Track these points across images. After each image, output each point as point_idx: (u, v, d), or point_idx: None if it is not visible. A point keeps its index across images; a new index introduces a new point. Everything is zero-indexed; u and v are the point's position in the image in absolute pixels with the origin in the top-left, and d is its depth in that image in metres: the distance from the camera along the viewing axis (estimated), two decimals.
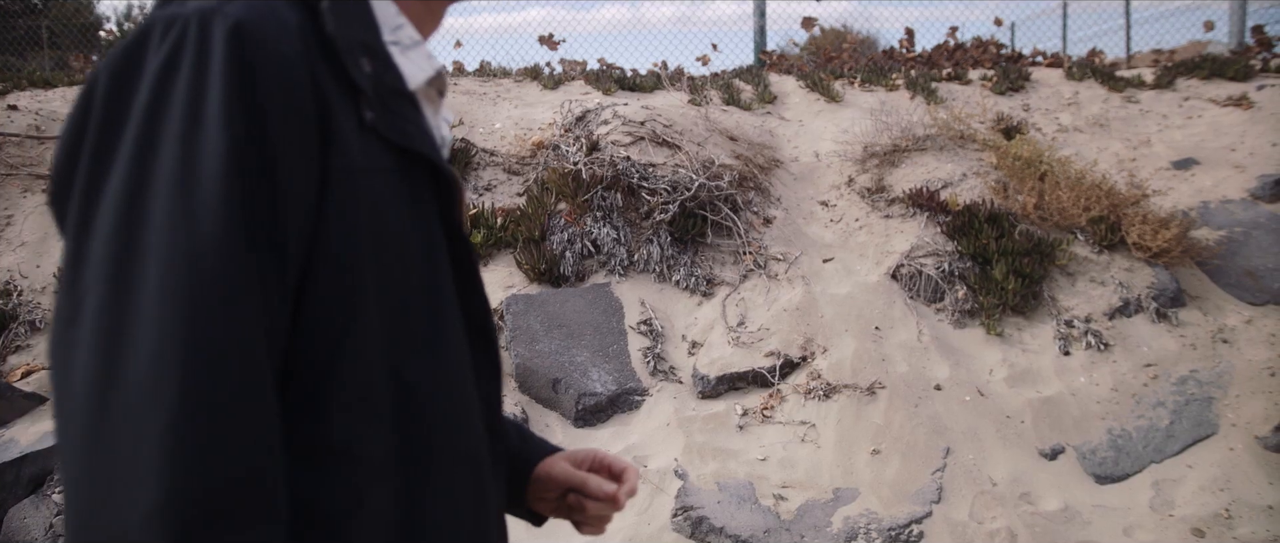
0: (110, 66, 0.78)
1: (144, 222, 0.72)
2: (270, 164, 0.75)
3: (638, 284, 4.70)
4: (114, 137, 0.75)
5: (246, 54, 0.76)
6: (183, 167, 0.73)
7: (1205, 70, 6.82)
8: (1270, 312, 4.81)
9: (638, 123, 5.25)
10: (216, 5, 0.77)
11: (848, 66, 7.23)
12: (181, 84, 0.75)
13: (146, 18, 0.82)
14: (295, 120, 0.78)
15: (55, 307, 0.76)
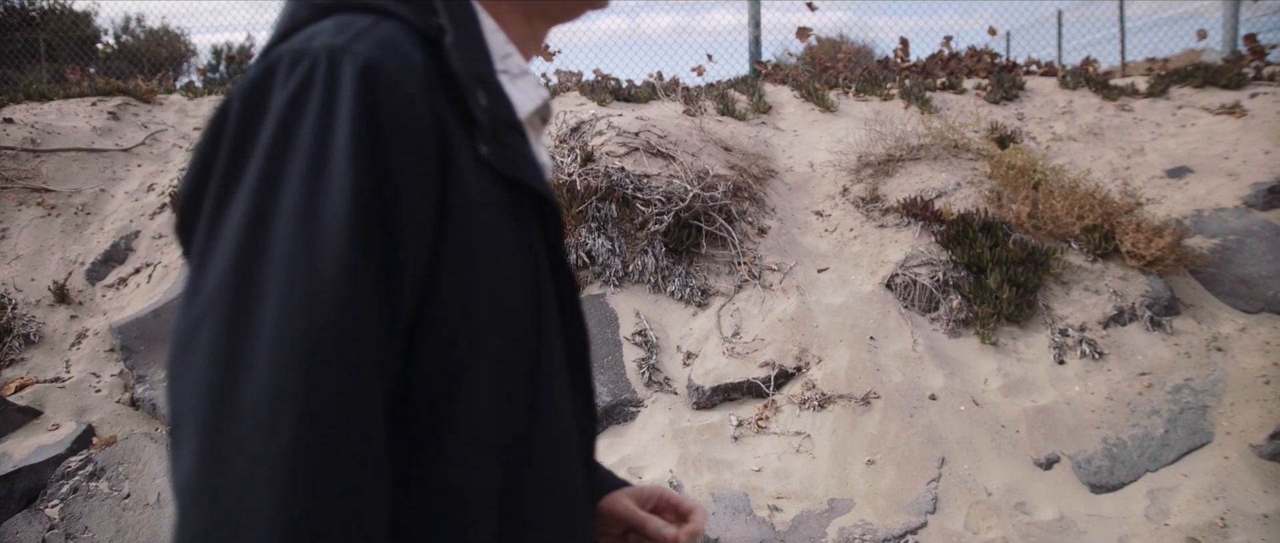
0: (239, 99, 0.78)
1: (264, 256, 0.72)
2: (393, 204, 0.75)
3: (632, 295, 4.70)
4: (239, 169, 0.76)
5: (374, 94, 0.76)
6: (306, 204, 0.73)
7: (1198, 78, 6.84)
8: (1264, 319, 4.82)
9: (632, 134, 5.26)
10: (344, 43, 0.78)
11: (843, 76, 7.24)
12: (308, 121, 0.75)
13: (272, 50, 0.82)
14: (418, 160, 0.78)
15: (173, 332, 0.76)
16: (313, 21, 0.84)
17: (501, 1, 0.95)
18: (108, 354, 4.70)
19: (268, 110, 0.76)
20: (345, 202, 0.73)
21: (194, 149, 0.81)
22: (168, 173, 5.92)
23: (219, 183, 0.76)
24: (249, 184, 0.74)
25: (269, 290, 0.71)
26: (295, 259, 0.71)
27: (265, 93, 0.77)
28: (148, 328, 4.71)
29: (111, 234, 5.46)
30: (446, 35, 0.85)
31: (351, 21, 0.81)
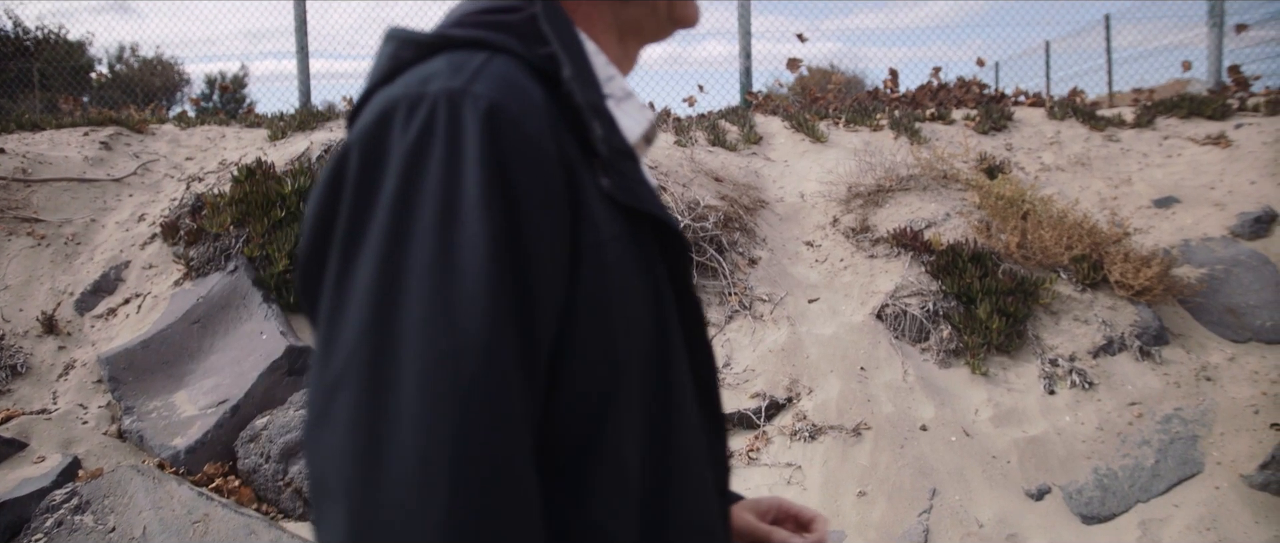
0: (356, 150, 0.75)
1: (400, 315, 0.69)
2: (528, 252, 0.72)
3: None
4: (363, 225, 0.73)
5: (500, 138, 0.73)
6: (440, 258, 0.70)
7: (1184, 109, 6.91)
8: (1252, 349, 4.84)
9: None
10: (463, 85, 0.75)
11: (833, 107, 7.30)
12: (434, 170, 0.72)
13: (376, 91, 0.81)
14: (549, 204, 0.75)
15: (307, 399, 0.74)
16: (419, 61, 0.82)
17: (597, 23, 0.94)
18: (95, 385, 4.68)
19: (389, 161, 0.73)
20: (481, 254, 0.70)
21: (310, 204, 0.79)
22: (159, 203, 5.92)
23: (344, 240, 0.73)
24: (376, 240, 0.71)
25: (408, 352, 0.68)
26: (433, 318, 0.68)
27: (384, 142, 0.74)
28: (136, 359, 4.69)
29: (101, 264, 5.45)
30: (563, 67, 0.82)
31: (465, 60, 0.78)
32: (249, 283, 4.98)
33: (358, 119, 0.81)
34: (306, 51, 8.29)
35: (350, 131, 0.81)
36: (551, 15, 0.86)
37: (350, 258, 0.73)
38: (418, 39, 0.83)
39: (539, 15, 0.85)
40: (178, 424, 4.37)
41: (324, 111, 7.44)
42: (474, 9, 0.88)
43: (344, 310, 0.71)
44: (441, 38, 0.82)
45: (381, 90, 0.80)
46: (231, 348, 4.74)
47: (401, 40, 0.84)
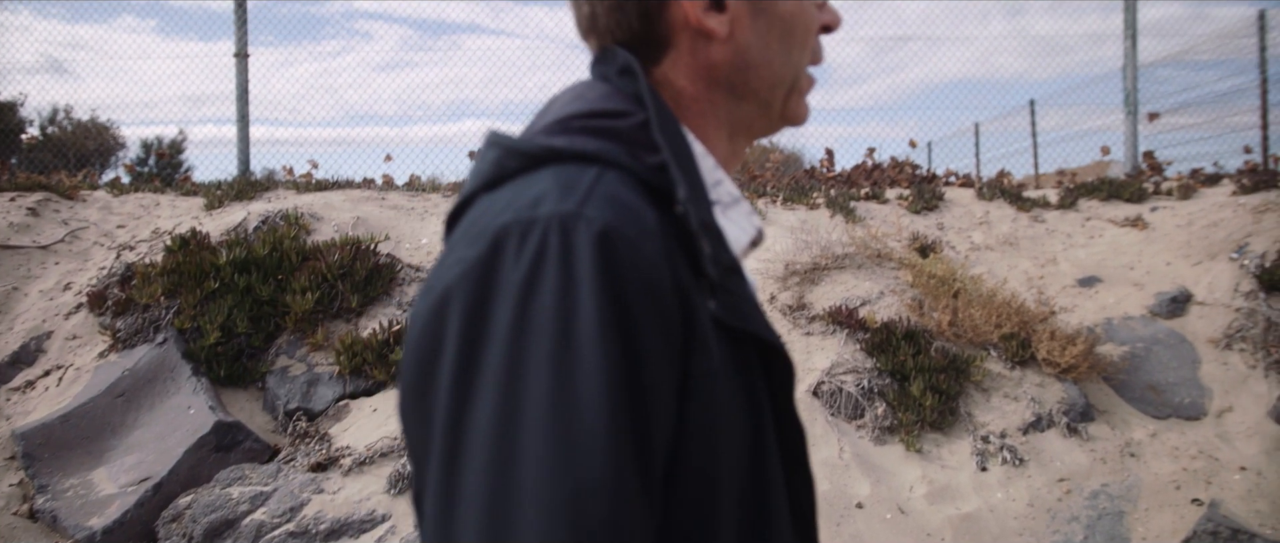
0: (467, 281, 0.73)
1: (518, 458, 0.66)
2: (645, 385, 0.70)
3: None
4: (476, 360, 0.70)
5: (616, 265, 0.70)
6: (557, 395, 0.67)
7: (1104, 192, 7.20)
8: (1173, 425, 4.99)
9: None
10: (576, 209, 0.72)
11: (771, 184, 7.46)
12: (547, 300, 0.69)
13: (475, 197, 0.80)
14: (665, 333, 0.72)
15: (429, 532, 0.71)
16: (523, 172, 0.80)
17: (709, 122, 0.94)
18: (7, 462, 4.49)
19: (500, 292, 0.71)
20: (600, 390, 0.67)
21: (414, 327, 0.76)
22: (86, 272, 5.77)
23: (455, 375, 0.71)
24: (492, 376, 0.68)
25: (527, 499, 0.65)
26: (553, 460, 0.65)
27: (495, 272, 0.71)
28: (54, 434, 4.52)
29: (21, 335, 5.28)
30: (678, 187, 0.80)
31: (574, 178, 0.76)
32: (178, 356, 4.87)
33: (458, 224, 0.81)
34: (247, 119, 8.24)
35: (450, 234, 0.82)
36: (663, 123, 0.85)
37: (465, 393, 0.70)
38: (524, 149, 0.82)
39: (651, 123, 0.84)
40: (95, 503, 4.21)
41: (263, 180, 7.37)
42: (578, 111, 0.86)
43: (462, 452, 0.69)
44: (549, 150, 0.81)
45: (485, 197, 0.80)
46: (157, 423, 4.60)
47: (507, 148, 0.83)
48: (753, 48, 0.92)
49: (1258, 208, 6.33)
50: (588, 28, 0.95)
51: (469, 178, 0.85)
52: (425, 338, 0.74)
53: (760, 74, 0.94)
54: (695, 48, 0.91)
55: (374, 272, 5.29)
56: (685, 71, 0.92)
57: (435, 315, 0.74)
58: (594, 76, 0.94)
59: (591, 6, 0.93)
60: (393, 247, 5.68)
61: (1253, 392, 5.18)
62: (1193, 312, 5.74)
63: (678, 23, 0.90)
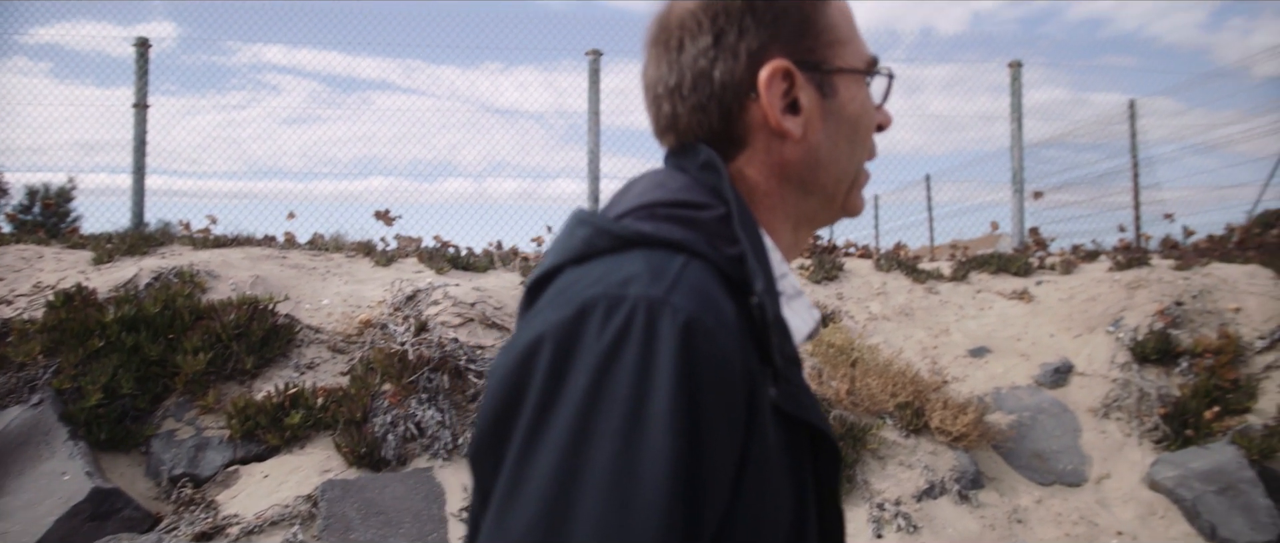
0: (551, 340, 0.76)
1: (574, 512, 0.69)
2: (705, 466, 0.73)
3: (461, 469, 4.61)
4: (549, 413, 0.74)
5: (694, 354, 0.74)
6: (620, 463, 0.70)
7: (993, 266, 7.53)
8: (1056, 491, 5.19)
9: (468, 304, 5.28)
10: (664, 295, 0.77)
11: None
12: (625, 375, 0.73)
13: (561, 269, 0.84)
14: (731, 421, 0.76)
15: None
16: (612, 252, 0.85)
17: (777, 215, 0.99)
18: None
19: (580, 359, 0.74)
20: (663, 466, 0.70)
21: (496, 377, 0.81)
22: None
23: (529, 424, 0.74)
24: (560, 432, 0.72)
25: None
26: (607, 520, 0.69)
27: (580, 338, 0.75)
28: None
29: None
30: (756, 280, 0.85)
31: (663, 264, 0.81)
32: (55, 418, 4.63)
33: (542, 293, 0.86)
34: (144, 170, 7.98)
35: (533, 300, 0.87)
36: (743, 219, 0.90)
37: (533, 443, 0.74)
38: (616, 231, 0.86)
39: (732, 218, 0.89)
40: None
41: (157, 234, 7.14)
42: (664, 199, 0.91)
43: (519, 495, 0.72)
44: (639, 234, 0.85)
45: (572, 270, 0.85)
46: (26, 490, 4.35)
47: (598, 228, 0.87)
48: (823, 147, 0.99)
49: (1131, 284, 6.70)
50: (667, 126, 1.02)
51: (552, 251, 0.90)
52: (504, 389, 0.78)
53: (829, 171, 1.01)
54: (770, 146, 0.98)
55: (271, 332, 5.16)
56: (759, 167, 0.98)
57: (517, 369, 0.78)
58: (671, 167, 1.00)
59: (672, 106, 1.00)
60: (292, 307, 5.55)
61: (1128, 459, 5.43)
62: (1074, 382, 6.02)
63: (756, 123, 0.97)
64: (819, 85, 0.99)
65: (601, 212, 0.95)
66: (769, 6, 0.97)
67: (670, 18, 1.01)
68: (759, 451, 0.79)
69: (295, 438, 4.67)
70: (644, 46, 1.05)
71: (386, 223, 7.31)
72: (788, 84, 0.97)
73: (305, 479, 4.42)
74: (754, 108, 0.96)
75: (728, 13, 0.97)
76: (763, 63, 0.96)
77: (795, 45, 0.98)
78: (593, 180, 7.98)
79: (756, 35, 0.97)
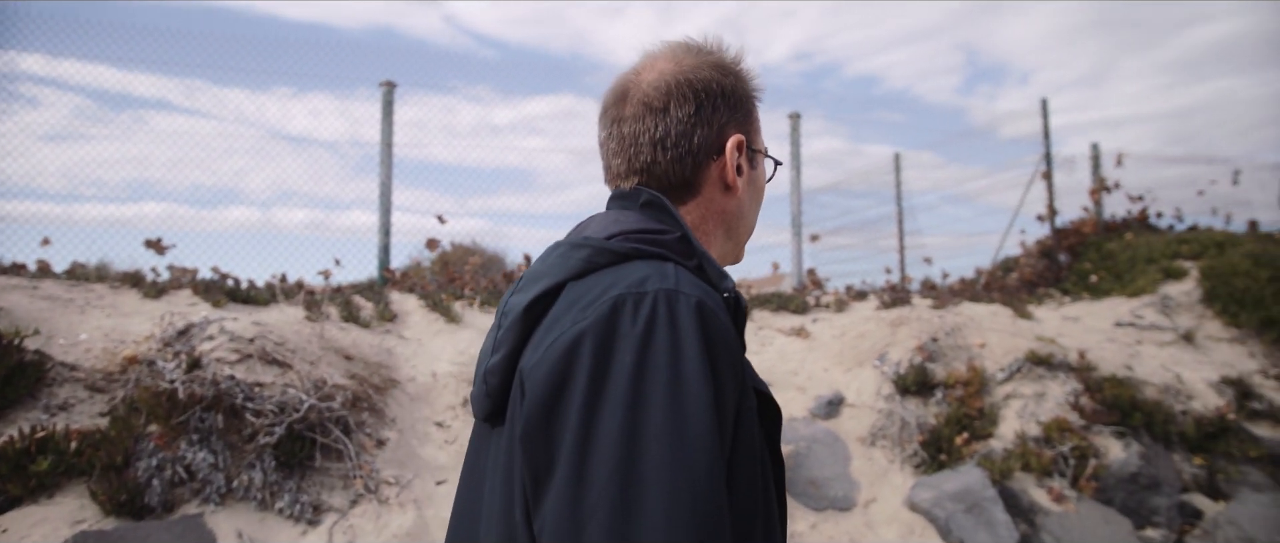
0: (593, 331, 0.99)
1: (643, 459, 0.92)
2: (726, 410, 1.00)
3: (235, 514, 4.36)
4: (603, 388, 0.96)
5: (707, 326, 1.01)
6: (672, 410, 0.94)
7: (774, 304, 7.96)
8: (829, 516, 5.53)
9: (247, 339, 5.04)
10: (675, 287, 1.03)
11: (469, 286, 7.52)
12: (661, 347, 0.98)
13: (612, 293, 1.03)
14: (736, 376, 1.03)
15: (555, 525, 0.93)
16: (610, 266, 1.12)
17: (710, 247, 1.31)
18: None
19: (622, 341, 0.98)
20: (705, 408, 0.95)
21: (541, 371, 1.01)
22: None
23: (585, 400, 0.96)
24: (618, 399, 0.95)
25: (653, 486, 0.91)
26: (673, 454, 0.92)
27: (616, 327, 0.99)
28: None
29: None
30: (725, 280, 1.16)
31: (662, 268, 1.08)
32: None
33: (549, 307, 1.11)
34: None
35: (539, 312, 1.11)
36: (692, 240, 1.20)
37: (593, 414, 0.95)
38: (613, 249, 1.14)
39: (687, 237, 1.19)
40: None
41: None
42: (631, 228, 1.19)
43: (591, 454, 0.94)
44: (633, 250, 1.13)
45: (575, 284, 1.11)
46: None
47: (595, 249, 1.14)
48: (745, 203, 1.34)
49: (894, 321, 7.27)
50: (641, 168, 1.29)
51: (547, 273, 1.16)
52: (552, 378, 0.99)
53: (745, 222, 1.36)
54: (714, 197, 1.30)
55: (17, 370, 4.70)
56: (702, 212, 1.30)
57: (563, 359, 1.00)
58: (616, 208, 1.29)
59: (654, 154, 1.28)
60: (44, 342, 5.09)
61: (892, 483, 5.86)
62: (845, 413, 6.44)
63: (711, 177, 1.29)
64: (749, 159, 1.33)
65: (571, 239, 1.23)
66: (733, 95, 1.31)
67: (651, 85, 1.29)
68: (749, 401, 1.07)
69: (43, 487, 4.27)
70: (611, 105, 1.33)
71: (159, 252, 6.83)
72: (739, 153, 1.29)
73: (53, 532, 4.05)
74: (713, 166, 1.29)
75: (707, 93, 1.28)
76: (727, 135, 1.29)
77: (743, 125, 1.32)
78: (384, 213, 7.81)
79: (724, 113, 1.29)
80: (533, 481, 0.99)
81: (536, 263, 1.23)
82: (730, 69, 1.32)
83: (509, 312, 1.17)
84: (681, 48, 1.34)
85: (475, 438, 1.29)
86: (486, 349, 1.23)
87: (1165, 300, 9.03)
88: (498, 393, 1.16)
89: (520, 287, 1.21)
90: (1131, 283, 9.67)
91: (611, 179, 1.35)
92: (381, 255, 7.75)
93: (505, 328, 1.16)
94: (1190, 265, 9.69)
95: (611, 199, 1.33)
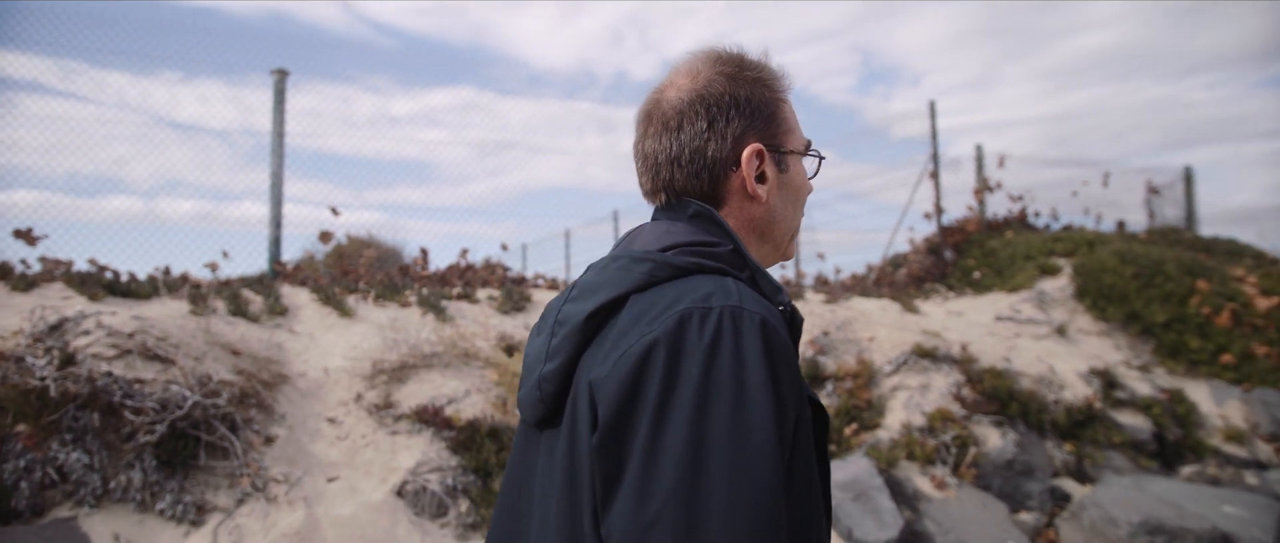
0: (664, 344, 1.03)
1: (708, 466, 0.96)
2: (787, 422, 1.03)
3: (112, 516, 4.21)
4: (671, 397, 1.00)
5: (770, 341, 1.04)
6: (736, 423, 0.98)
7: None
8: None
9: (126, 334, 4.85)
10: (738, 303, 1.06)
11: (364, 280, 7.38)
12: (726, 361, 1.01)
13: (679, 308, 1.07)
14: (796, 390, 1.06)
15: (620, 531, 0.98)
16: (671, 280, 1.15)
17: (748, 242, 1.32)
18: None
19: (689, 353, 1.02)
20: (768, 421, 0.99)
21: (613, 382, 1.04)
22: None
23: (655, 408, 1.00)
24: (685, 409, 0.99)
25: (714, 494, 0.95)
26: (735, 468, 0.96)
27: (683, 340, 1.03)
28: None
29: None
30: (780, 293, 1.19)
31: (722, 283, 1.11)
32: None
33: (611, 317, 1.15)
34: None
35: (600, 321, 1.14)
36: (744, 251, 1.23)
37: (660, 423, 0.99)
38: (675, 263, 1.17)
39: (739, 250, 1.23)
40: None
41: None
42: (684, 241, 1.22)
43: (658, 462, 0.98)
44: (693, 265, 1.16)
45: (639, 297, 1.14)
46: None
47: (658, 262, 1.17)
48: (777, 208, 1.34)
49: None
50: (663, 187, 1.33)
51: (606, 285, 1.18)
52: (624, 389, 1.03)
53: (780, 226, 1.36)
54: (742, 206, 1.32)
55: None
56: (731, 222, 1.31)
57: (633, 372, 1.04)
58: (664, 218, 1.32)
59: (671, 173, 1.31)
60: None
61: None
62: None
63: (734, 188, 1.31)
64: (777, 162, 1.33)
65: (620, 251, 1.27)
66: (748, 103, 1.31)
67: (669, 104, 1.32)
68: (805, 411, 1.11)
69: None
70: (639, 123, 1.36)
71: (29, 243, 6.49)
72: (759, 161, 1.30)
73: None
74: (734, 176, 1.30)
75: (719, 106, 1.29)
76: (743, 144, 1.30)
77: (763, 132, 1.31)
78: (275, 204, 7.60)
79: (739, 124, 1.30)
80: (603, 487, 1.03)
81: (592, 273, 1.26)
82: (746, 77, 1.33)
83: (564, 320, 1.21)
84: (702, 60, 1.35)
85: (522, 439, 1.34)
86: (536, 355, 1.27)
87: (1041, 296, 9.49)
88: (552, 399, 1.19)
89: (574, 296, 1.24)
90: (1011, 279, 10.13)
91: (644, 195, 1.39)
92: (272, 248, 7.55)
93: (561, 336, 1.19)
94: (1064, 263, 10.21)
95: (658, 210, 1.35)
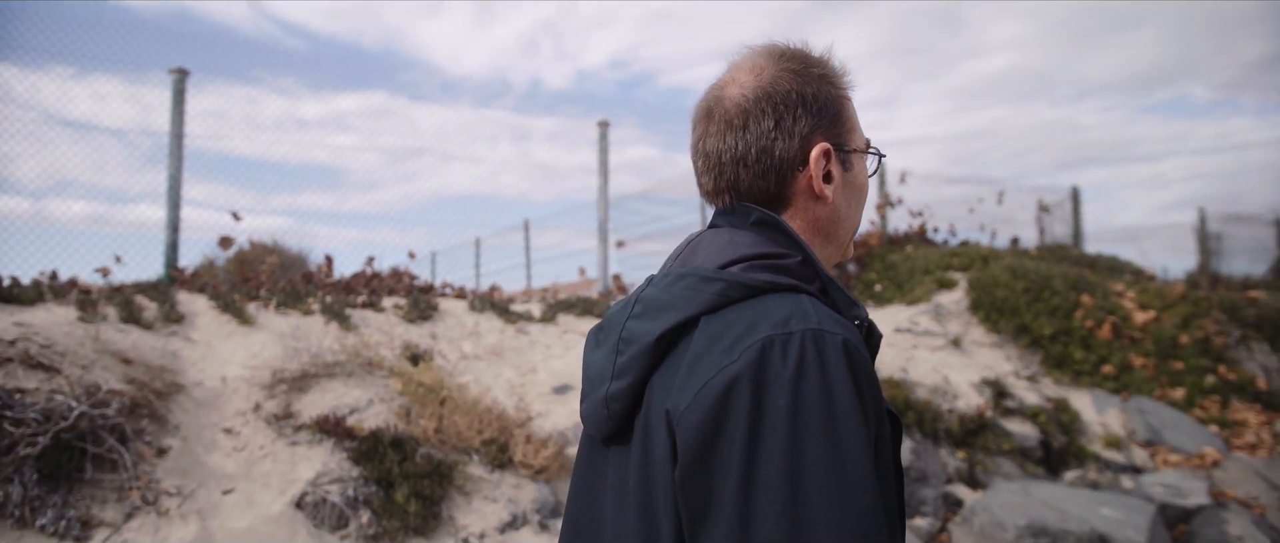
0: (748, 375, 1.00)
1: (808, 495, 0.94)
2: (874, 441, 1.02)
3: None
4: (761, 428, 0.98)
5: (853, 363, 1.02)
6: (830, 449, 0.96)
7: (579, 309, 8.09)
8: None
9: (7, 342, 4.66)
10: (818, 326, 1.03)
11: (265, 287, 7.22)
12: (814, 387, 0.99)
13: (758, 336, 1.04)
14: (878, 409, 1.05)
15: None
16: (743, 300, 1.11)
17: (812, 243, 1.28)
18: None
19: (775, 383, 0.99)
20: (859, 445, 0.97)
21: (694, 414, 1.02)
22: None
23: (746, 440, 0.98)
24: (778, 439, 0.97)
25: (817, 525, 0.93)
26: (836, 495, 0.94)
27: (768, 369, 1.00)
28: None
29: None
30: (856, 307, 1.17)
31: (798, 303, 1.08)
32: None
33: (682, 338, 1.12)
34: None
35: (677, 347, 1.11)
36: (814, 261, 1.20)
37: (753, 458, 0.97)
38: (747, 282, 1.12)
39: (809, 260, 1.20)
40: None
41: None
42: (751, 253, 1.18)
43: (755, 499, 0.96)
44: (767, 283, 1.12)
45: (709, 318, 1.10)
46: None
47: (729, 282, 1.13)
48: (842, 207, 1.31)
49: None
50: (727, 187, 1.28)
51: (683, 303, 1.14)
52: (708, 423, 1.01)
53: (844, 225, 1.33)
54: (808, 206, 1.28)
55: None
56: (799, 223, 1.28)
57: (717, 405, 1.01)
58: (727, 225, 1.28)
59: (736, 172, 1.27)
60: None
61: None
62: None
63: (800, 188, 1.27)
64: (842, 161, 1.30)
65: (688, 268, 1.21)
66: (815, 101, 1.27)
67: (733, 102, 1.28)
68: (885, 428, 1.10)
69: None
70: (698, 121, 1.32)
71: None
72: (826, 161, 1.27)
73: None
74: (801, 176, 1.27)
75: (787, 104, 1.26)
76: (811, 143, 1.26)
77: (830, 130, 1.28)
78: (172, 208, 7.38)
79: (806, 122, 1.26)
80: (690, 520, 1.02)
81: (657, 290, 1.21)
82: (812, 74, 1.29)
83: (631, 339, 1.17)
84: (764, 55, 1.31)
85: (588, 453, 1.29)
86: (600, 369, 1.23)
87: (938, 308, 9.84)
88: (620, 418, 1.17)
89: (639, 313, 1.19)
90: (910, 292, 10.47)
91: (705, 195, 1.34)
92: (169, 253, 7.32)
93: (629, 355, 1.16)
94: (960, 277, 10.61)
95: (717, 215, 1.32)
